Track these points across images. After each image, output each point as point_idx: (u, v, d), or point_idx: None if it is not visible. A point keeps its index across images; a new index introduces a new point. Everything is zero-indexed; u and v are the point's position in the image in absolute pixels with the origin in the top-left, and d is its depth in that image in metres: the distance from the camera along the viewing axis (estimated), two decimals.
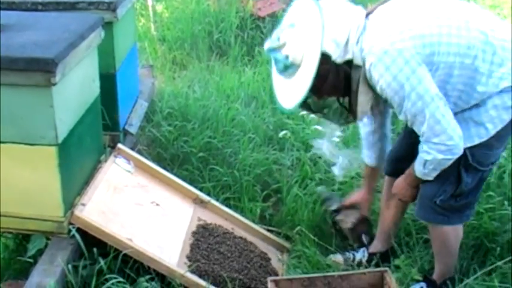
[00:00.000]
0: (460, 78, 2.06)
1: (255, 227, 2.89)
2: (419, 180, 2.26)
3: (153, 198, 2.69)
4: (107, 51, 2.81)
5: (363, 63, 2.06)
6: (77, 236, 2.24)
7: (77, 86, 2.30)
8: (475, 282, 2.38)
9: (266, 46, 2.12)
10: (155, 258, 2.31)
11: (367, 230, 2.81)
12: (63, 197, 2.22)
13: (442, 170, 2.15)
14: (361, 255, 2.72)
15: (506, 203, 2.81)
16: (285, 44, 2.06)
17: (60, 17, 2.51)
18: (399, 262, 2.53)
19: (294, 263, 2.68)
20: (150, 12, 5.41)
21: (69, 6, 2.81)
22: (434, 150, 2.07)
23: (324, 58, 2.01)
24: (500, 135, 2.15)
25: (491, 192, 2.83)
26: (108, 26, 2.74)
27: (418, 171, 2.20)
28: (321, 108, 2.29)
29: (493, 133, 2.13)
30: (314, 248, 2.71)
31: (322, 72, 2.03)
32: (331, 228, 2.88)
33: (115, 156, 2.73)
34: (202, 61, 5.00)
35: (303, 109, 2.38)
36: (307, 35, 2.04)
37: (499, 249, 2.59)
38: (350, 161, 3.01)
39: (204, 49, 5.16)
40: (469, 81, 2.07)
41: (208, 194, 2.99)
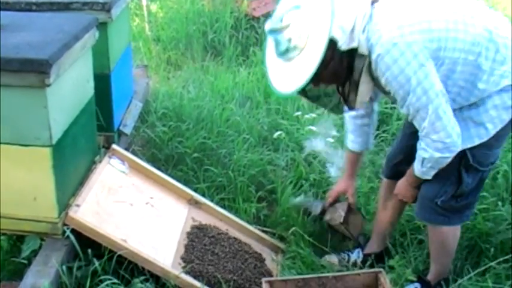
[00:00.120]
0: (462, 75, 2.05)
1: (249, 227, 2.89)
2: (420, 180, 2.26)
3: (148, 199, 2.69)
4: (101, 52, 2.81)
5: (369, 53, 2.01)
6: (71, 237, 2.24)
7: (71, 86, 2.30)
8: (468, 283, 2.40)
9: (267, 27, 2.01)
10: (150, 259, 2.31)
11: (359, 219, 2.77)
12: (58, 198, 2.22)
13: (443, 170, 2.16)
14: (356, 256, 2.73)
15: (500, 203, 2.82)
16: (288, 25, 1.95)
17: (54, 18, 2.50)
18: (393, 263, 2.54)
19: (288, 264, 2.68)
20: (145, 12, 5.40)
21: (63, 7, 2.80)
22: (432, 148, 2.07)
23: (329, 44, 1.93)
24: (499, 135, 2.15)
25: (485, 193, 2.84)
26: (102, 26, 2.73)
27: (417, 169, 2.20)
28: (317, 95, 2.24)
29: (493, 133, 2.13)
30: (308, 248, 2.71)
31: (325, 59, 1.94)
32: (328, 232, 2.84)
33: (109, 157, 2.72)
34: (197, 61, 5.00)
35: (298, 94, 2.25)
36: (314, 18, 1.95)
37: (492, 249, 2.60)
38: None
39: (198, 49, 5.16)
40: (471, 78, 2.05)
41: (203, 194, 2.98)
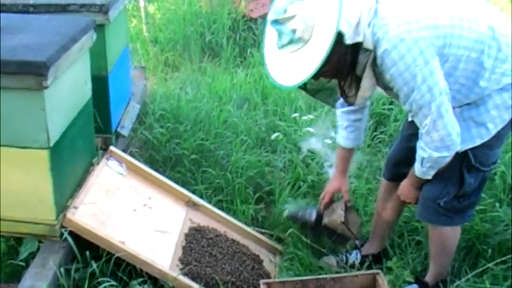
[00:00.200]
0: (464, 72, 2.04)
1: (247, 229, 2.89)
2: (422, 181, 2.26)
3: (146, 201, 2.69)
4: (98, 54, 2.81)
5: (374, 47, 1.98)
6: (69, 239, 2.24)
7: (68, 88, 2.30)
8: (466, 284, 2.40)
9: (270, 17, 1.96)
10: (148, 261, 2.31)
11: (356, 216, 2.71)
12: (55, 200, 2.22)
13: (445, 171, 2.16)
14: (354, 257, 2.73)
15: (497, 204, 2.83)
16: (293, 17, 1.90)
17: (52, 20, 2.49)
18: (391, 264, 2.53)
19: (286, 266, 2.68)
20: (142, 14, 5.39)
21: (61, 9, 2.80)
22: (430, 147, 2.07)
23: (336, 38, 1.87)
24: (500, 135, 2.16)
25: (483, 194, 2.83)
26: (100, 28, 2.73)
27: (417, 169, 2.20)
28: (317, 89, 2.18)
29: (494, 133, 2.13)
30: (306, 250, 2.71)
31: (330, 52, 1.88)
32: (328, 239, 2.74)
33: (107, 159, 2.72)
34: (195, 63, 5.00)
35: (298, 87, 2.15)
36: (321, 10, 1.90)
37: (490, 251, 2.61)
38: None
39: (196, 50, 5.16)
40: (472, 75, 2.05)
41: (201, 196, 2.98)
